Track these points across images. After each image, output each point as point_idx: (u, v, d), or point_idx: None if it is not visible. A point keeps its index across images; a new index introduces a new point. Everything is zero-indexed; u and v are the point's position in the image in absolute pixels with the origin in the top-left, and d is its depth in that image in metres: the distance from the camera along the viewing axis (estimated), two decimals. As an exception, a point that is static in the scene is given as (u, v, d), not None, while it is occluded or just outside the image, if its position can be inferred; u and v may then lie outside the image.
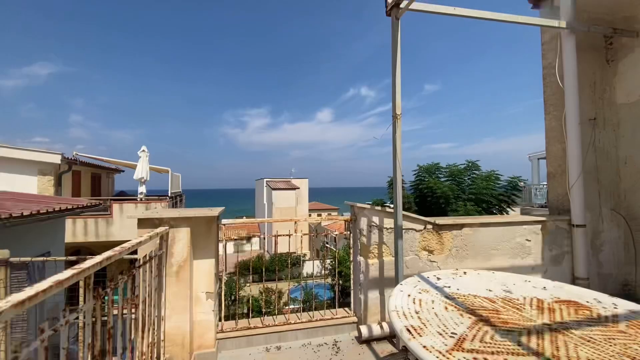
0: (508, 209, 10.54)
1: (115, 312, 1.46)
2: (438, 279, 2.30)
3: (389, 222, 3.12)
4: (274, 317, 3.22)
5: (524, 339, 1.43)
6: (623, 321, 1.60)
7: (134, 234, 2.19)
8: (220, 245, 2.98)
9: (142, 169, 12.42)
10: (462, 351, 1.33)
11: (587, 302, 1.88)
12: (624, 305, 1.80)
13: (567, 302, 1.87)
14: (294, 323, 3.12)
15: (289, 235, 3.27)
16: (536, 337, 1.45)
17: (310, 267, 19.72)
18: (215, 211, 2.80)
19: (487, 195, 9.96)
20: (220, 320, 3.02)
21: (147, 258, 2.02)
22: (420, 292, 2.00)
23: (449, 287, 2.13)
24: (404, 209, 2.95)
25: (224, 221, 3.06)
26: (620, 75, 3.89)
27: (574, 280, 3.53)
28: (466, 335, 1.46)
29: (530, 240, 3.52)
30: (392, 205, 3.16)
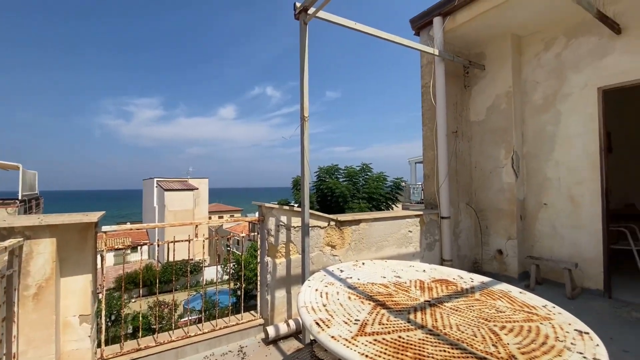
0: (393, 206, 12.18)
1: None
2: (341, 271, 2.48)
3: (296, 221, 3.19)
4: (171, 332, 2.89)
5: (412, 316, 1.67)
6: (477, 291, 2.05)
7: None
8: (99, 257, 2.50)
9: (-27, 164, 9.33)
10: (365, 335, 1.46)
11: (454, 279, 2.33)
12: (478, 279, 2.30)
13: (440, 281, 2.27)
14: (194, 335, 2.86)
15: (189, 241, 2.99)
16: (421, 313, 1.71)
17: (212, 273, 18.51)
18: (92, 217, 2.32)
19: (377, 194, 11.29)
20: (99, 346, 2.52)
21: (-12, 281, 1.53)
22: (326, 286, 2.11)
23: (351, 277, 2.32)
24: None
25: (104, 228, 2.58)
26: (473, 99, 4.97)
27: (442, 262, 4.32)
28: (367, 320, 1.62)
29: (411, 232, 4.14)
30: (297, 205, 3.24)
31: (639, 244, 4.19)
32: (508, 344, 1.39)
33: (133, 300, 13.76)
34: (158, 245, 2.96)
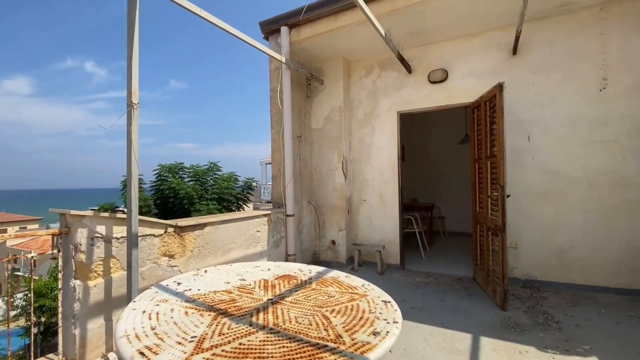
0: (244, 206, 12.12)
1: None
2: (178, 284, 2.20)
3: (120, 231, 2.61)
4: None
5: (254, 319, 1.65)
6: (314, 281, 2.26)
7: None
8: None
9: None
10: (202, 352, 1.33)
11: (295, 272, 2.49)
12: (315, 270, 2.55)
13: (283, 277, 2.38)
14: None
15: None
16: (263, 313, 1.72)
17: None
18: None
19: (228, 194, 10.93)
20: None
21: None
22: (158, 304, 1.81)
23: (190, 289, 2.09)
24: (142, 213, 2.58)
25: None
26: (314, 109, 5.55)
27: (287, 258, 4.59)
28: (206, 334, 1.48)
29: (259, 231, 4.19)
30: (126, 210, 2.68)
31: (419, 227, 5.80)
32: (336, 325, 1.58)
33: None
34: None
